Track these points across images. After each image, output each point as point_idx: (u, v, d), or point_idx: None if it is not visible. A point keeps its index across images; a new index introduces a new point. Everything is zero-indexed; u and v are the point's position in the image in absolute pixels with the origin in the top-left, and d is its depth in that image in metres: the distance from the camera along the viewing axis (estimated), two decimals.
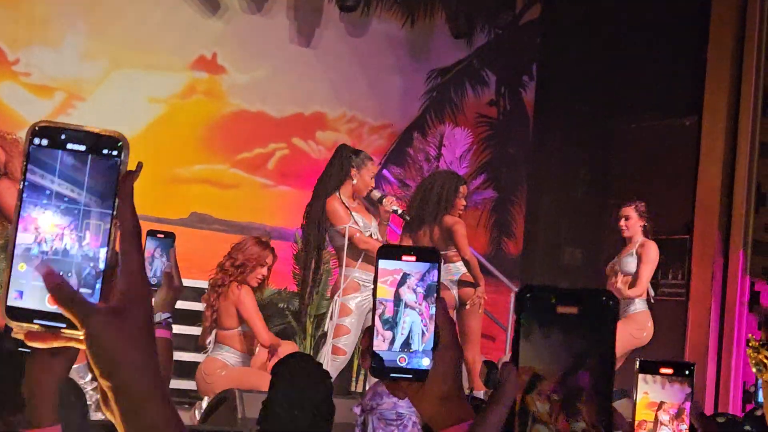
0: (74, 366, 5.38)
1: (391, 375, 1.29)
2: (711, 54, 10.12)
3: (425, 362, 1.27)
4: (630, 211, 8.49)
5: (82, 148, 1.04)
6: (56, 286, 1.03)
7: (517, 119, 12.50)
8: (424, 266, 1.29)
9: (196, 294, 9.20)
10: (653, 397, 1.17)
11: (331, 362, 7.04)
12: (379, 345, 1.29)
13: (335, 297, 7.38)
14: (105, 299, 1.06)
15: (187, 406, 7.42)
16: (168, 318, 2.89)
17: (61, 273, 1.05)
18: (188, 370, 7.84)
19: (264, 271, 7.08)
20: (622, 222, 8.54)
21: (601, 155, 11.92)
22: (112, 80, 10.41)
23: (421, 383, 1.27)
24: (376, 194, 7.67)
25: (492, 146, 12.24)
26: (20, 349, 1.82)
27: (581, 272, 11.82)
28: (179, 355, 7.91)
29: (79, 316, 1.03)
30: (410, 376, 1.28)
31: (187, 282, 7.53)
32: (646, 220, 8.52)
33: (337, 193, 7.47)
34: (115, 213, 1.06)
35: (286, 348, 6.89)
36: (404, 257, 1.30)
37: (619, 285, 8.25)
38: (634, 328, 8.21)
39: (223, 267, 7.08)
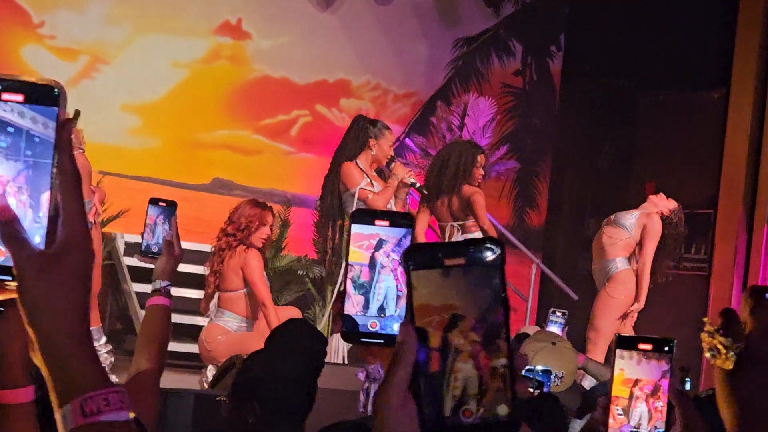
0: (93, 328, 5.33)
1: (362, 339, 1.28)
2: (740, 26, 10.00)
3: (396, 327, 1.25)
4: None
5: (19, 98, 1.02)
6: (7, 221, 1.01)
7: (543, 90, 12.41)
8: (399, 231, 1.28)
9: None
10: (629, 374, 1.16)
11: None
12: (350, 309, 1.28)
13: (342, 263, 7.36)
14: (48, 248, 1.04)
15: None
16: (167, 285, 2.89)
17: None
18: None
19: (267, 230, 7.02)
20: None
21: (627, 128, 11.82)
22: (136, 44, 10.41)
23: (392, 348, 1.26)
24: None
25: (517, 117, 12.16)
26: None
27: None
28: (194, 319, 7.94)
29: (14, 257, 1.01)
30: (381, 341, 1.28)
31: (208, 247, 7.59)
32: (668, 213, 8.35)
33: (355, 161, 7.44)
34: (54, 162, 1.04)
35: (288, 313, 6.83)
36: (377, 222, 1.29)
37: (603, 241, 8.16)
38: (610, 286, 8.08)
39: (226, 232, 7.02)
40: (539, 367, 4.79)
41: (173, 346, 7.90)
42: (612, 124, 11.86)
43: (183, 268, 7.65)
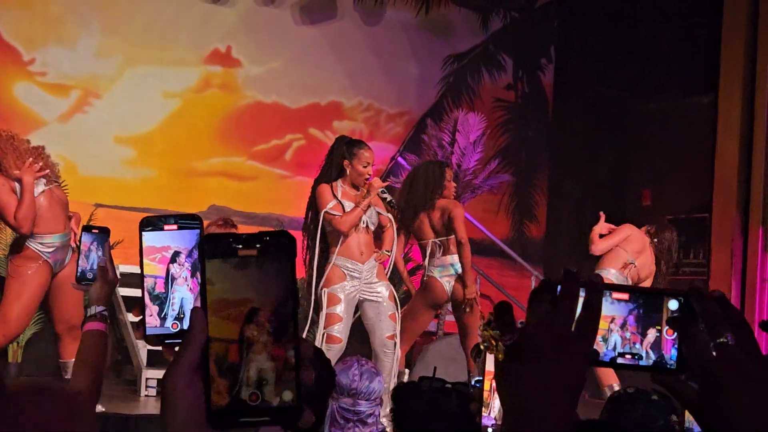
0: (71, 360, 5.42)
1: (166, 341, 1.32)
2: (725, 31, 10.03)
3: None
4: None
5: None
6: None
7: (536, 102, 12.46)
8: (191, 237, 1.30)
9: None
10: (605, 312, 1.25)
11: (326, 352, 7.01)
12: (150, 319, 1.32)
13: (321, 288, 7.34)
14: None
15: None
16: (103, 311, 2.93)
17: None
18: None
19: None
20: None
21: (621, 136, 11.85)
22: (127, 77, 10.50)
23: None
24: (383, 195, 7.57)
25: (511, 130, 12.21)
26: None
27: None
28: None
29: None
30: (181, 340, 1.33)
31: None
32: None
33: (331, 184, 7.43)
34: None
35: None
36: (166, 227, 1.30)
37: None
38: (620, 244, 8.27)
39: None
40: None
41: None
42: (606, 134, 11.90)
43: None
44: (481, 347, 1.20)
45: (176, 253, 1.31)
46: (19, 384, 3.00)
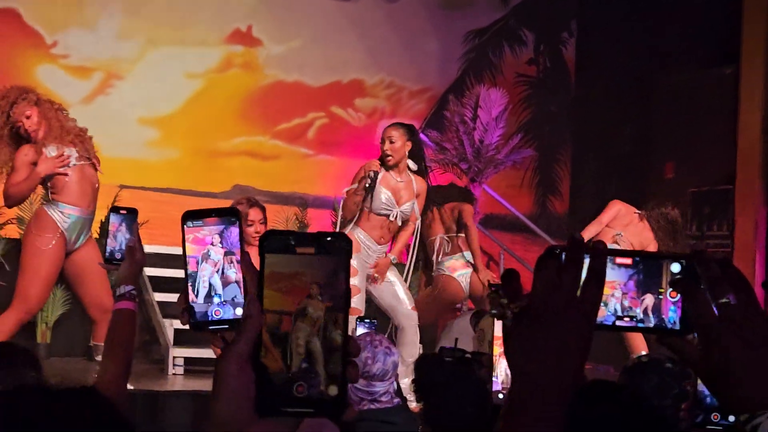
0: (103, 343, 5.46)
1: (210, 327, 1.37)
2: (747, 1, 9.97)
3: (238, 311, 1.35)
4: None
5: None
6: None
7: (558, 77, 12.42)
8: (223, 225, 1.36)
9: None
10: (607, 277, 1.30)
11: None
12: (192, 301, 1.37)
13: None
14: None
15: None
16: (131, 290, 2.96)
17: None
18: None
19: (252, 229, 6.91)
20: None
21: (644, 109, 11.80)
22: (148, 58, 10.55)
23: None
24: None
25: (533, 105, 12.18)
26: None
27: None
28: None
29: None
30: (227, 326, 1.36)
31: None
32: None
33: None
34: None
35: None
36: (206, 219, 1.37)
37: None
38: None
39: None
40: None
41: (194, 352, 8.03)
42: (629, 107, 11.84)
43: None
44: (490, 314, 1.23)
45: (208, 235, 1.37)
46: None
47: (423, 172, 7.55)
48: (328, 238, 1.13)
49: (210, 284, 1.36)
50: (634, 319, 1.32)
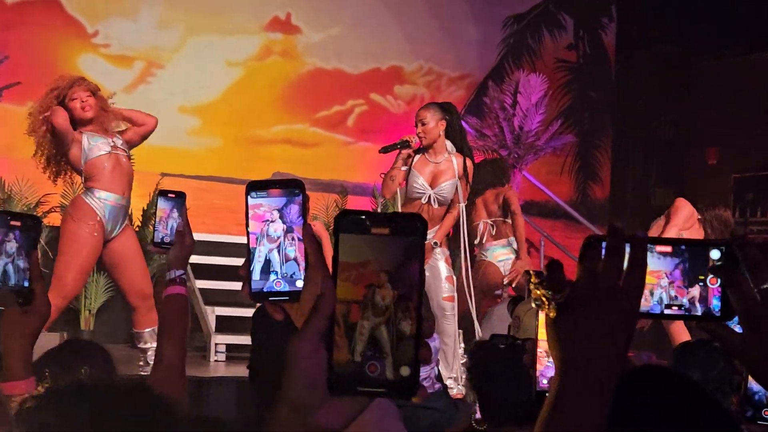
0: (148, 330, 5.49)
1: (270, 299, 1.38)
2: None
3: (298, 284, 1.36)
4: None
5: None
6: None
7: (598, 62, 12.34)
8: (286, 198, 1.37)
9: None
10: (651, 267, 1.30)
11: None
12: (254, 274, 1.38)
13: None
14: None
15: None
16: (182, 275, 2.95)
17: None
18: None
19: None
20: None
21: (686, 94, 11.71)
22: (188, 46, 10.58)
23: (296, 302, 1.37)
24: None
25: (573, 90, 12.11)
26: None
27: None
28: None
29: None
30: (287, 297, 1.37)
31: None
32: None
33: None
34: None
35: None
36: (269, 190, 1.38)
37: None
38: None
39: None
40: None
41: (236, 339, 8.07)
42: (670, 92, 11.76)
43: None
44: (533, 305, 1.23)
45: (270, 207, 1.38)
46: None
47: (464, 150, 7.31)
48: (404, 219, 1.12)
49: (269, 260, 1.37)
50: (682, 308, 1.32)
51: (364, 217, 1.12)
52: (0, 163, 9.19)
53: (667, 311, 1.33)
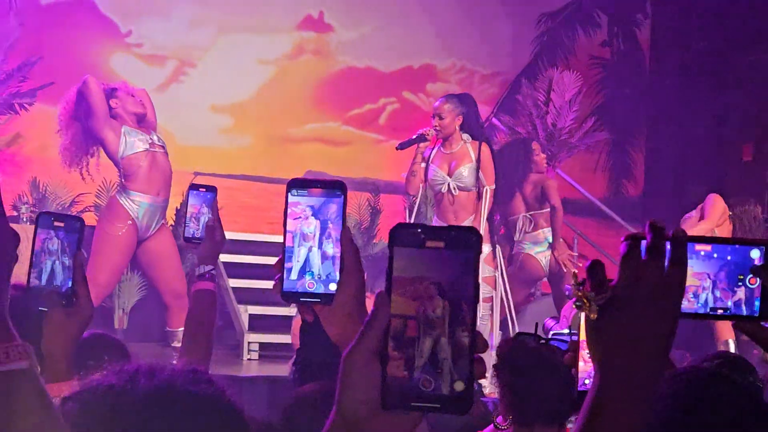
0: (181, 329, 5.49)
1: (301, 299, 1.38)
2: None
3: (332, 287, 1.36)
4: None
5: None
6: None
7: (632, 59, 12.25)
8: (326, 198, 1.37)
9: None
10: (696, 268, 1.29)
11: None
12: (287, 273, 1.38)
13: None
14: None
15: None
16: (211, 270, 2.94)
17: None
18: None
19: None
20: None
21: (721, 90, 11.60)
22: (221, 45, 10.61)
23: (328, 305, 1.38)
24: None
25: (607, 88, 12.03)
26: (40, 308, 1.94)
27: None
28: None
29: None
30: (318, 300, 1.37)
31: None
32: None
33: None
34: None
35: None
36: (310, 189, 1.37)
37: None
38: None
39: None
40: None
41: (269, 338, 8.08)
42: (705, 88, 11.65)
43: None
44: (574, 306, 1.21)
45: (309, 208, 1.38)
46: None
47: (481, 138, 7.31)
48: (459, 232, 1.11)
49: (306, 260, 1.36)
50: (727, 311, 1.30)
51: (419, 230, 1.10)
52: (34, 163, 9.26)
53: (712, 313, 1.31)
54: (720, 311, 1.30)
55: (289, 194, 1.38)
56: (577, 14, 11.97)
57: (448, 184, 7.25)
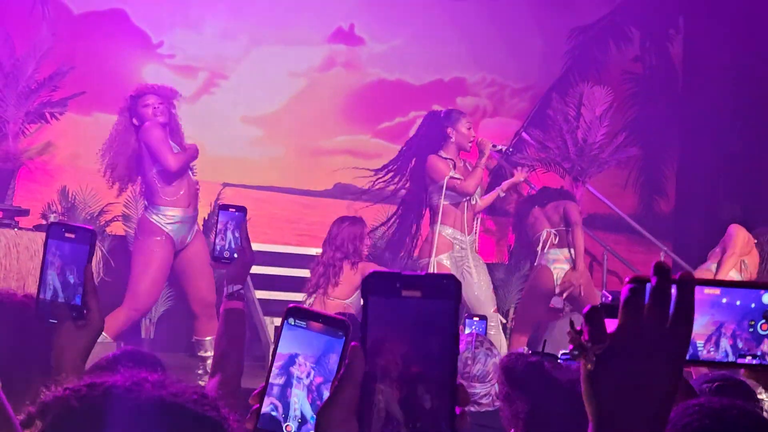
0: (209, 338, 5.52)
1: None
2: None
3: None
4: None
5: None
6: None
7: (665, 74, 12.18)
8: (327, 339, 1.27)
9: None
10: (714, 317, 1.26)
11: None
12: (265, 409, 1.30)
13: (431, 257, 7.39)
14: None
15: None
16: (240, 289, 2.97)
17: None
18: None
19: (368, 241, 7.28)
20: None
21: (755, 106, 11.50)
22: (252, 57, 10.64)
23: None
24: (497, 146, 7.71)
25: (639, 103, 11.97)
26: (50, 320, 1.93)
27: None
28: None
29: None
30: None
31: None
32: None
33: (438, 153, 7.54)
34: None
35: None
36: (310, 322, 1.27)
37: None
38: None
39: (335, 256, 7.17)
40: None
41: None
42: (740, 105, 11.56)
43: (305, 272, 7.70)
44: (570, 355, 1.18)
45: (306, 348, 1.27)
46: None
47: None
48: (437, 280, 1.06)
49: (289, 404, 1.28)
50: (748, 358, 1.26)
51: (395, 278, 1.06)
52: (65, 172, 9.30)
53: (740, 360, 1.27)
54: (749, 358, 1.26)
55: (286, 322, 1.28)
56: (609, 29, 11.93)
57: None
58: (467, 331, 4.85)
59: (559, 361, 2.93)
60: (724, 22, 11.31)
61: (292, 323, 1.27)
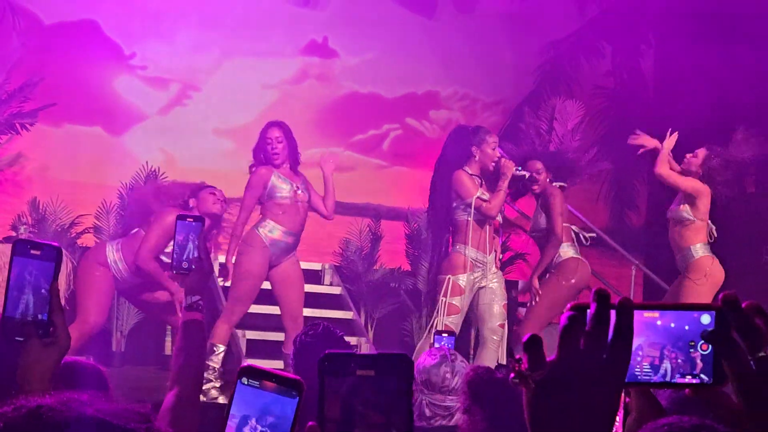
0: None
1: None
2: None
3: None
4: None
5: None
6: None
7: (636, 88, 12.24)
8: (280, 398, 1.25)
9: (319, 276, 9.34)
10: (653, 339, 1.27)
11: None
12: None
13: (447, 275, 7.37)
14: None
15: None
16: (199, 300, 2.93)
17: None
18: None
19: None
20: None
21: (727, 119, 11.57)
22: (225, 69, 10.61)
23: None
24: (519, 171, 7.75)
25: (611, 117, 12.02)
26: (16, 338, 1.90)
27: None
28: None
29: None
30: None
31: (309, 265, 7.78)
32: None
33: (464, 169, 7.48)
34: None
35: None
36: (264, 381, 1.26)
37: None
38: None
39: None
40: None
41: (266, 363, 8.02)
42: (711, 119, 11.62)
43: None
44: (511, 382, 1.19)
45: (248, 417, 1.26)
46: None
47: None
48: (389, 360, 1.10)
49: None
50: (697, 377, 1.27)
51: (349, 359, 1.09)
52: (35, 184, 9.23)
53: (679, 380, 1.27)
54: (678, 379, 1.27)
55: (239, 381, 1.26)
56: (581, 44, 11.98)
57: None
58: (436, 345, 4.88)
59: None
60: (695, 37, 11.38)
61: (245, 383, 1.26)
